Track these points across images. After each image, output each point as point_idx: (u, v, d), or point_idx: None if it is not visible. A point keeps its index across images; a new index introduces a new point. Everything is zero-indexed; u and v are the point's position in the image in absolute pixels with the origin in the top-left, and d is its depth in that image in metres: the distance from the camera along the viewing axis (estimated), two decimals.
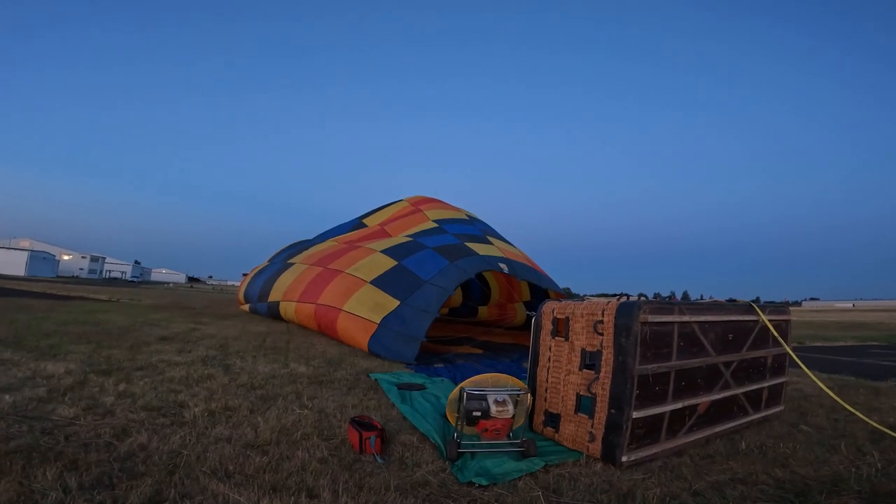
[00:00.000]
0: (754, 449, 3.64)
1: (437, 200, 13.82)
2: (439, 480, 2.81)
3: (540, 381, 3.78)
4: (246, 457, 2.90)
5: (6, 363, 5.04)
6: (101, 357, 5.70)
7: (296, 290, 10.27)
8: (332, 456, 3.03)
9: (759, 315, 4.17)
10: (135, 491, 2.38)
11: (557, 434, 3.58)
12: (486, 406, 3.29)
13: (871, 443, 3.88)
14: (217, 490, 2.46)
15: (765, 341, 4.29)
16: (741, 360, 4.03)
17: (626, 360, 3.16)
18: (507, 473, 2.95)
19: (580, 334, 3.49)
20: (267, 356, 6.48)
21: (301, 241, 13.85)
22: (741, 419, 4.08)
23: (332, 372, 5.67)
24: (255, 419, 3.63)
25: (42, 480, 2.42)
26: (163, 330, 8.98)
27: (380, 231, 11.87)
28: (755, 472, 3.16)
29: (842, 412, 4.58)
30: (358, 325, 7.79)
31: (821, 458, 3.50)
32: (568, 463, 3.18)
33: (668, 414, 3.40)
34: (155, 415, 3.62)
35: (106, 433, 3.14)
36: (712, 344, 3.73)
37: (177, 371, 5.13)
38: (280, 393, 4.48)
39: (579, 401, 3.45)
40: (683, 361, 3.49)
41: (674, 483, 2.95)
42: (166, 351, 6.45)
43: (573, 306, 3.62)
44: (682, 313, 3.48)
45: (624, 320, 3.20)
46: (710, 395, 3.74)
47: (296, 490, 2.53)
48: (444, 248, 9.35)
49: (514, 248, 11.51)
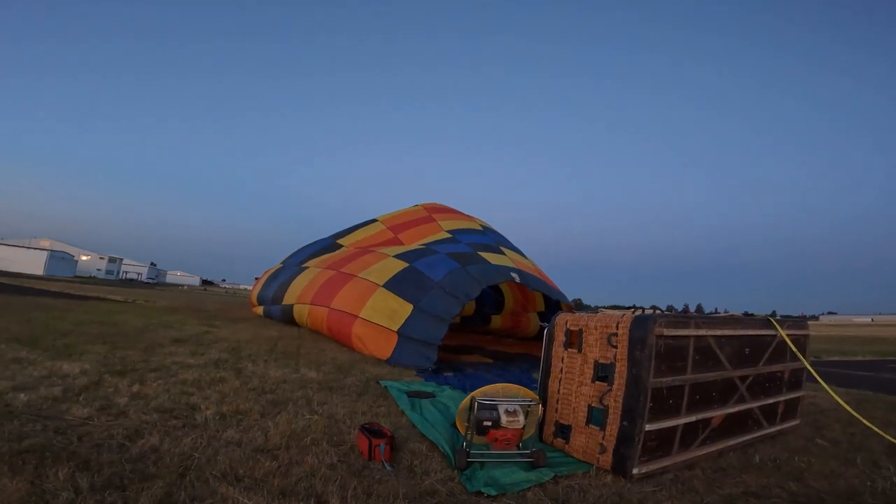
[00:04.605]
0: (768, 462, 3.59)
1: (451, 210, 13.83)
2: (448, 489, 2.79)
3: (551, 392, 3.75)
4: (256, 461, 2.91)
5: (22, 362, 5.12)
6: (116, 358, 5.77)
7: (309, 292, 10.33)
8: (341, 462, 3.03)
9: (776, 329, 4.12)
10: (145, 493, 2.39)
11: (568, 445, 3.55)
12: (497, 416, 3.27)
13: (887, 457, 3.84)
14: (227, 494, 2.47)
15: (782, 355, 4.23)
16: (757, 374, 3.97)
17: (639, 372, 3.12)
18: (516, 484, 2.92)
19: (593, 346, 3.47)
20: (278, 360, 6.50)
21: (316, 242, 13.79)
22: (756, 432, 4.03)
23: (343, 378, 5.68)
24: (266, 423, 3.64)
25: (54, 480, 2.44)
26: (177, 332, 9.06)
27: (393, 240, 11.89)
28: (769, 486, 3.12)
29: (858, 426, 4.51)
30: (378, 334, 7.74)
31: (836, 471, 3.45)
32: (578, 474, 3.15)
33: (682, 427, 3.36)
34: (167, 417, 3.65)
35: (119, 434, 3.17)
36: (728, 358, 3.68)
37: (189, 373, 5.17)
38: (290, 398, 4.50)
39: (591, 412, 3.41)
40: (698, 375, 3.44)
41: (685, 496, 2.91)
42: (180, 353, 6.50)
43: (587, 318, 3.60)
44: (697, 327, 3.44)
45: (639, 333, 3.17)
46: (725, 408, 3.69)
47: (305, 496, 2.53)
48: (457, 255, 9.35)
49: (526, 259, 11.48)
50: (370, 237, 12.40)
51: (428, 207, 13.54)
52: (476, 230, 12.03)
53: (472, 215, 13.73)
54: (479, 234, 11.64)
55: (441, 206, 13.89)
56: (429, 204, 13.89)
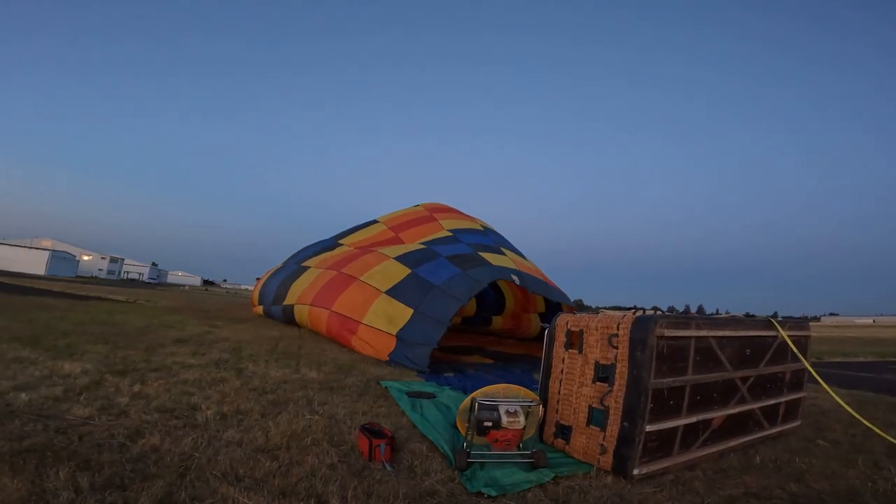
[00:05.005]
0: (769, 463, 3.59)
1: (452, 209, 13.84)
2: (448, 490, 2.79)
3: (552, 393, 3.75)
4: (256, 461, 2.91)
5: (24, 361, 5.12)
6: (118, 358, 5.77)
7: (310, 293, 10.31)
8: (341, 462, 3.03)
9: (777, 330, 4.11)
10: (146, 493, 2.39)
11: (568, 446, 3.55)
12: (497, 416, 3.27)
13: (888, 458, 3.84)
14: (227, 494, 2.47)
15: (783, 356, 4.22)
16: (758, 375, 3.97)
17: (640, 373, 3.12)
18: (516, 484, 2.92)
19: (594, 347, 3.47)
20: (279, 361, 6.51)
21: (318, 242, 13.83)
22: (757, 433, 4.02)
23: (343, 378, 5.68)
24: (266, 423, 3.65)
25: (54, 480, 2.44)
26: (178, 332, 9.07)
27: (394, 239, 11.89)
28: (769, 487, 3.12)
29: (859, 427, 4.51)
30: (379, 337, 7.79)
31: (837, 472, 3.45)
32: (578, 475, 3.15)
33: (682, 428, 3.36)
34: (168, 416, 3.65)
35: (119, 434, 3.17)
36: (729, 359, 3.68)
37: (190, 373, 5.18)
38: (291, 398, 4.50)
39: (591, 413, 3.41)
40: (699, 376, 3.44)
41: (685, 497, 2.91)
42: (181, 353, 6.51)
43: (588, 319, 3.60)
44: (699, 328, 3.44)
45: (640, 334, 3.17)
46: (726, 409, 3.69)
47: (305, 496, 2.53)
48: (457, 257, 9.35)
49: (527, 261, 11.47)
50: (371, 237, 12.40)
51: (429, 207, 13.55)
52: (477, 230, 12.03)
53: (472, 216, 13.74)
54: (479, 235, 11.65)
55: (442, 206, 13.90)
56: (430, 204, 13.90)
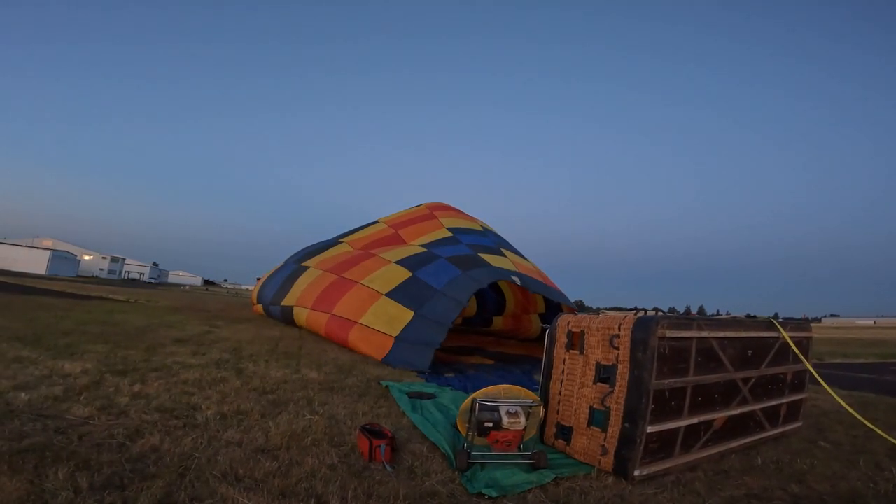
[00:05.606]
0: (770, 464, 3.58)
1: (453, 208, 13.85)
2: (448, 491, 2.78)
3: (553, 394, 3.74)
4: (256, 461, 2.91)
5: (24, 361, 5.12)
6: (118, 357, 5.77)
7: (309, 296, 10.29)
8: (341, 463, 3.02)
9: (779, 332, 4.10)
10: (145, 493, 2.39)
11: (569, 447, 3.54)
12: (498, 417, 3.27)
13: (889, 459, 3.83)
14: (227, 494, 2.46)
15: (784, 358, 4.21)
16: (760, 376, 3.96)
17: (642, 374, 3.11)
18: (516, 485, 2.92)
19: (595, 348, 3.46)
20: (279, 361, 6.50)
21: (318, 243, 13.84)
22: (758, 434, 4.01)
23: (344, 379, 5.67)
24: (266, 424, 3.64)
25: (53, 480, 2.43)
26: (178, 332, 9.07)
27: (394, 236, 11.88)
28: (770, 488, 3.11)
29: (861, 428, 4.49)
30: (374, 338, 7.79)
31: (838, 473, 3.45)
32: (579, 476, 3.14)
33: (683, 429, 3.35)
34: (168, 416, 3.65)
35: (119, 434, 3.16)
36: (731, 360, 3.67)
37: (191, 373, 5.17)
38: (291, 398, 4.49)
39: (592, 414, 3.40)
40: (700, 377, 3.43)
41: (686, 498, 2.91)
42: (181, 353, 6.50)
43: (589, 320, 3.59)
44: (700, 329, 3.43)
45: (641, 335, 3.16)
46: (727, 410, 3.68)
47: (305, 496, 2.53)
48: (457, 259, 9.34)
49: (527, 262, 11.47)
50: (371, 234, 12.40)
51: (430, 206, 13.57)
52: (477, 231, 12.03)
53: (473, 216, 13.74)
54: (479, 235, 11.64)
55: (444, 205, 13.92)
56: (432, 203, 13.92)
